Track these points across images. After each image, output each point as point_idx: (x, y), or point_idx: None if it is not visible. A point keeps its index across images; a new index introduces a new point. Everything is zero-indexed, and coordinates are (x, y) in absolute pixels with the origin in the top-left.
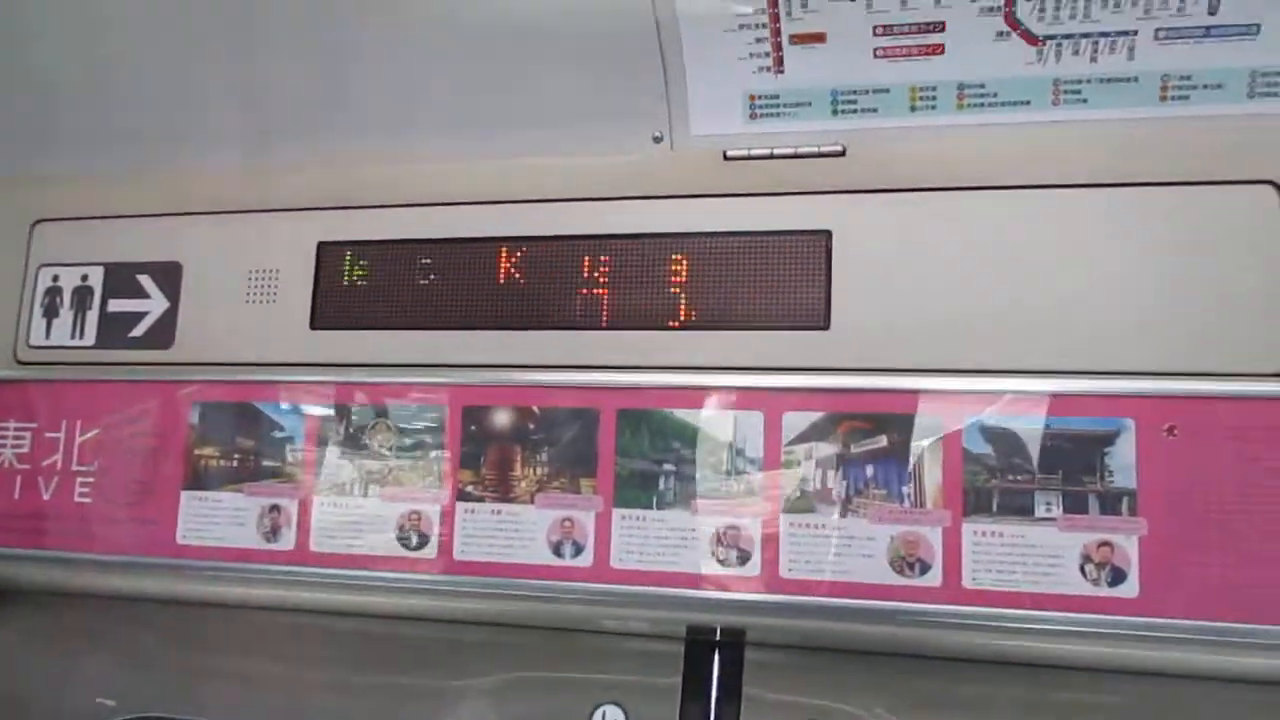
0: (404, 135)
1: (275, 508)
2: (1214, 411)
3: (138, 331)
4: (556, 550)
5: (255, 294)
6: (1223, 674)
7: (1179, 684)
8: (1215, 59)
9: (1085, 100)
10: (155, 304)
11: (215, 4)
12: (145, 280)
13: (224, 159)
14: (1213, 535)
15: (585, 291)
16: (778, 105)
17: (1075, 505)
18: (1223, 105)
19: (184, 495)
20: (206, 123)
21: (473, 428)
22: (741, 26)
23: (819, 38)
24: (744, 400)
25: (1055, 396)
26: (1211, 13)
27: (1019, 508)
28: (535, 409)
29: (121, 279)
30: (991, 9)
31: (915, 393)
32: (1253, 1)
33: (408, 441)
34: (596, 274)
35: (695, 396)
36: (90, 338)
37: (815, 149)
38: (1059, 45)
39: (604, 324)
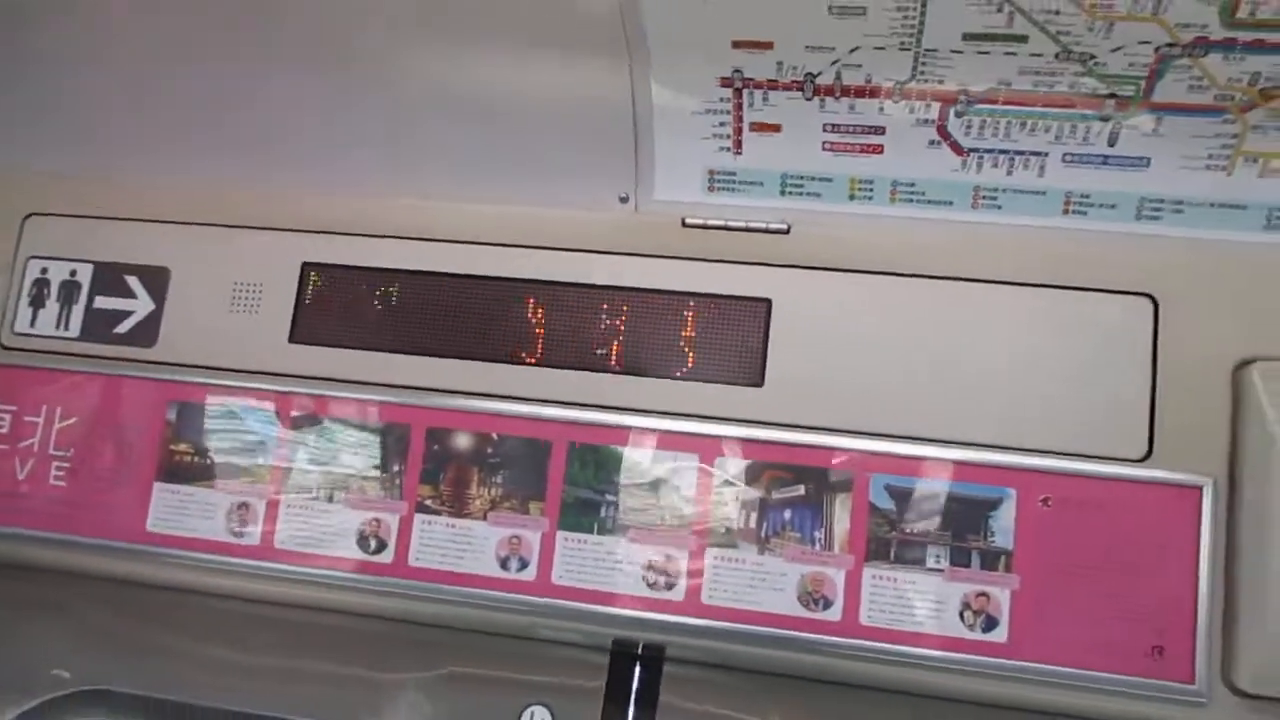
0: (391, 173)
1: (244, 505)
2: (1084, 488)
3: (122, 329)
4: (504, 564)
5: (239, 304)
6: (1078, 713)
7: None
8: (1111, 183)
9: (1000, 206)
10: (141, 304)
11: (229, 22)
12: (133, 281)
13: (219, 173)
14: (1076, 594)
15: (546, 332)
16: (734, 182)
17: (960, 559)
18: (1114, 223)
19: (156, 486)
20: (205, 136)
21: (435, 447)
22: (708, 111)
23: (775, 128)
24: (682, 444)
25: (951, 463)
26: (1111, 144)
27: (912, 558)
28: (494, 435)
29: (109, 278)
30: (926, 121)
31: (832, 450)
32: (1145, 140)
33: (373, 454)
34: (559, 317)
35: (638, 436)
36: (75, 330)
37: (763, 224)
38: (981, 157)
39: (561, 363)
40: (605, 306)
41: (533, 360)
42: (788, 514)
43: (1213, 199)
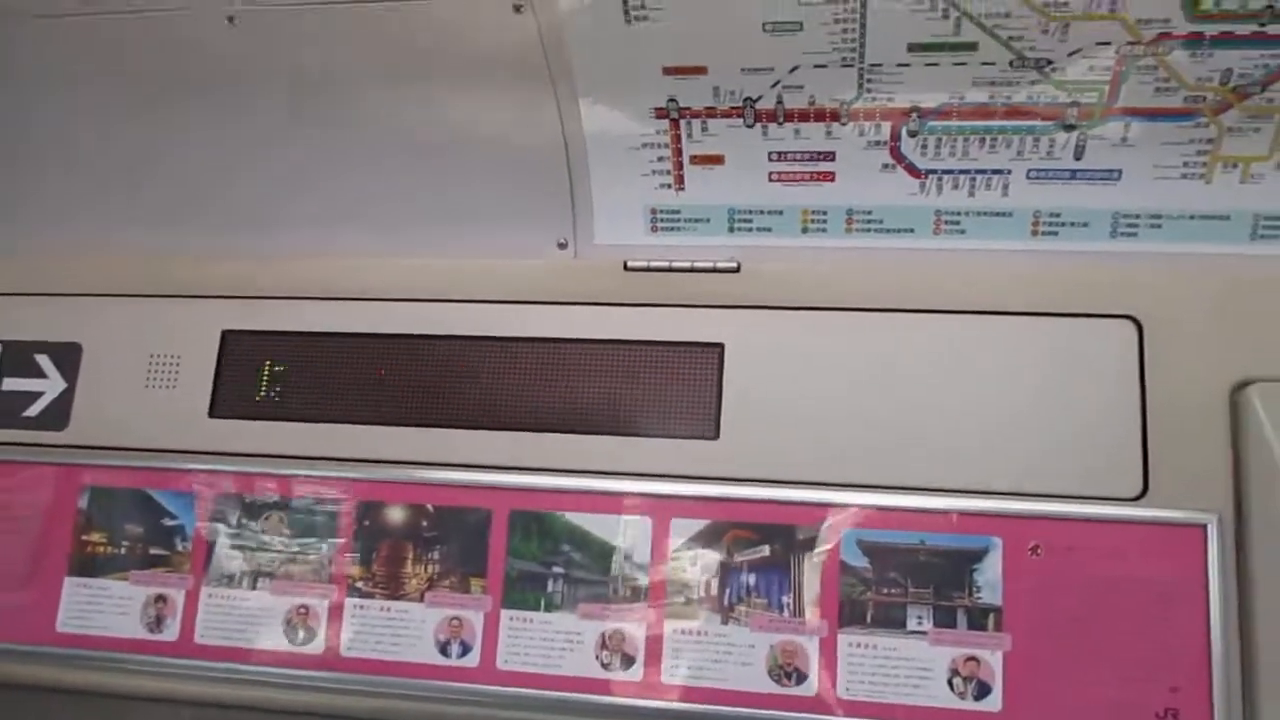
0: (312, 230)
1: (161, 597)
2: (1076, 533)
3: (31, 411)
4: (444, 650)
5: (155, 379)
6: None
7: None
8: (1081, 199)
9: (964, 230)
10: (52, 384)
11: (128, 84)
12: (43, 360)
13: (131, 243)
14: (1074, 652)
15: (483, 391)
16: (678, 220)
17: (945, 619)
18: (1088, 242)
19: (67, 581)
20: (114, 206)
21: (366, 523)
22: (645, 145)
23: (718, 159)
24: (633, 505)
25: (928, 513)
26: (1077, 157)
27: (892, 620)
28: (429, 506)
29: (18, 357)
30: (878, 143)
31: (797, 504)
32: (1114, 150)
33: (301, 535)
34: (497, 375)
35: (587, 500)
36: None
37: (711, 264)
38: (940, 179)
39: (501, 425)
40: (547, 360)
41: (470, 423)
42: (753, 578)
43: (1192, 210)
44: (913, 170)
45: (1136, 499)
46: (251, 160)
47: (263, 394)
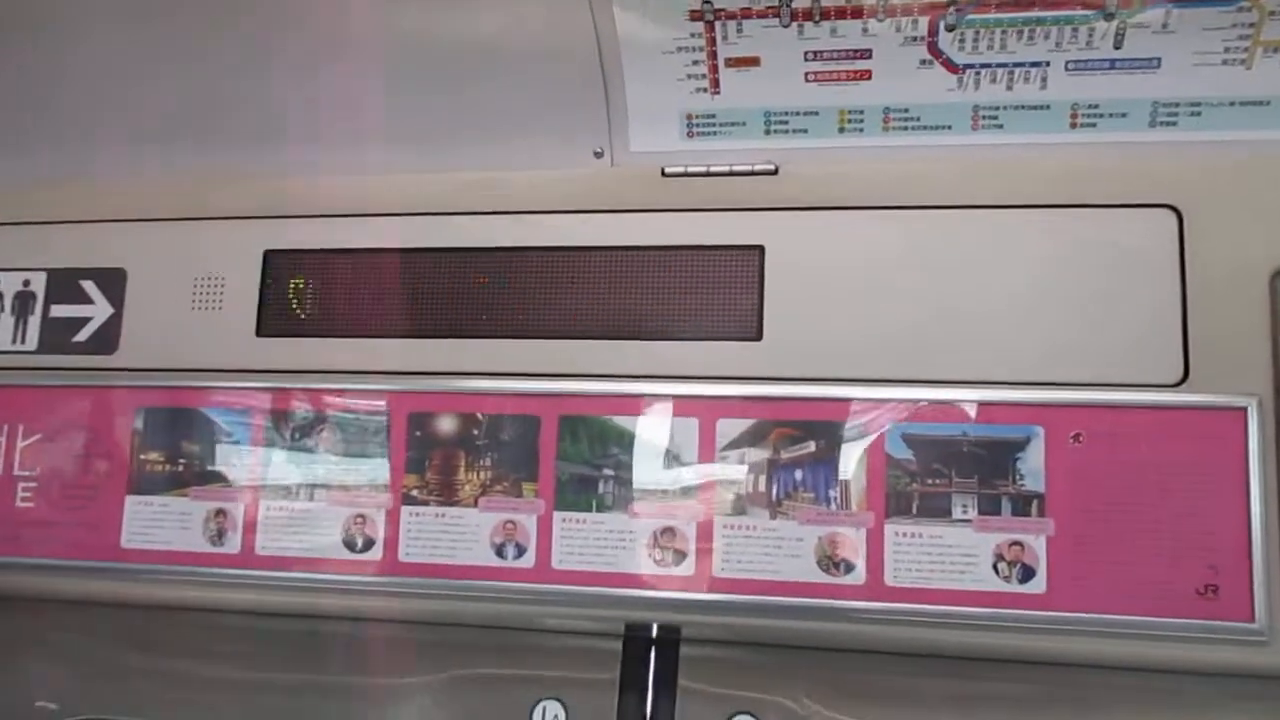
0: (350, 146)
1: (221, 511)
2: (1118, 419)
3: (81, 337)
4: (499, 552)
5: (201, 301)
6: (1129, 663)
7: (1084, 673)
8: (1120, 89)
9: (1002, 125)
10: (99, 310)
11: (165, 9)
12: (89, 286)
13: (171, 166)
14: (1116, 535)
15: (527, 300)
16: (714, 124)
17: (989, 507)
18: (1127, 133)
19: (128, 500)
20: (154, 130)
21: (417, 433)
22: (680, 49)
23: (753, 61)
24: (680, 408)
25: (971, 405)
26: (1117, 46)
27: (937, 509)
28: (479, 415)
29: (65, 284)
30: (915, 39)
31: (841, 401)
32: (1154, 38)
33: (353, 447)
34: (538, 284)
35: (633, 404)
36: (32, 343)
37: (749, 167)
38: (978, 74)
39: (546, 333)
40: (588, 268)
41: (515, 332)
42: (799, 474)
43: (1232, 97)
44: (950, 65)
45: (1177, 384)
46: (286, 79)
47: (308, 311)
